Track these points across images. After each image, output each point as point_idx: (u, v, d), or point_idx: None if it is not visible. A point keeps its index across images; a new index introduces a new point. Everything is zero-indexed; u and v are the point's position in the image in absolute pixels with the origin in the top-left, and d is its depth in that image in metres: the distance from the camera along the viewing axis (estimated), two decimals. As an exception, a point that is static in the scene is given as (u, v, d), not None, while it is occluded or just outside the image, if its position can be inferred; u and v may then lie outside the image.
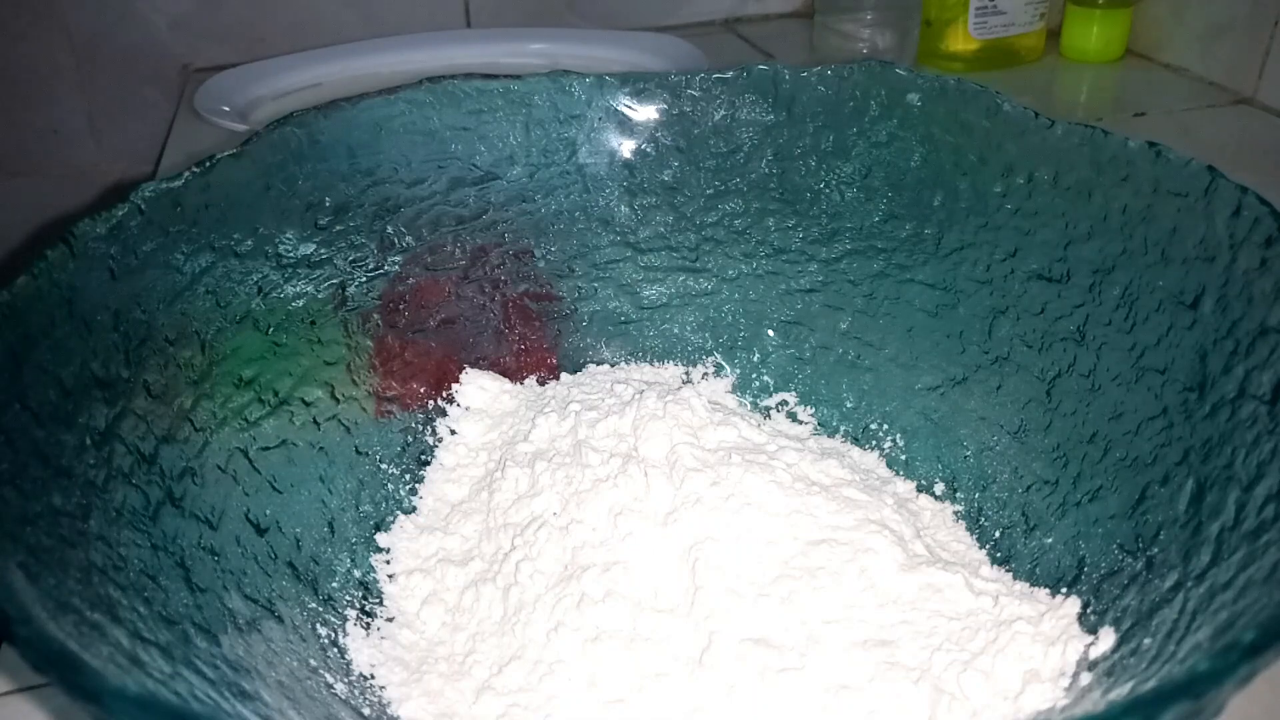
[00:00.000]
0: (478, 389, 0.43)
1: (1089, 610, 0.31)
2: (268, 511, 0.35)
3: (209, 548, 0.31)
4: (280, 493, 0.36)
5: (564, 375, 0.45)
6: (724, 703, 0.31)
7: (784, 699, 0.31)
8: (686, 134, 0.44)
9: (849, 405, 0.44)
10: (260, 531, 0.34)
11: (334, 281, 0.39)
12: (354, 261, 0.40)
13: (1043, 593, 0.33)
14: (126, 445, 0.30)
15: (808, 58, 0.83)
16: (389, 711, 0.32)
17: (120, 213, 0.32)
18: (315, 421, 0.38)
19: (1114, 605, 0.30)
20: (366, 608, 0.36)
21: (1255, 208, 0.30)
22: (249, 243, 0.37)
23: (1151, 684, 0.24)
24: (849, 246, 0.43)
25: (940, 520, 0.39)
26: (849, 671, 0.31)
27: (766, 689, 0.31)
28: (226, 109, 0.73)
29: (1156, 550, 0.30)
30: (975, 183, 0.39)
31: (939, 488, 0.40)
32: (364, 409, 0.40)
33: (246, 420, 0.36)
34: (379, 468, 0.40)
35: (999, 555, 0.37)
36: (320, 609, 0.34)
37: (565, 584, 0.34)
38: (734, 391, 0.46)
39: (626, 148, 0.44)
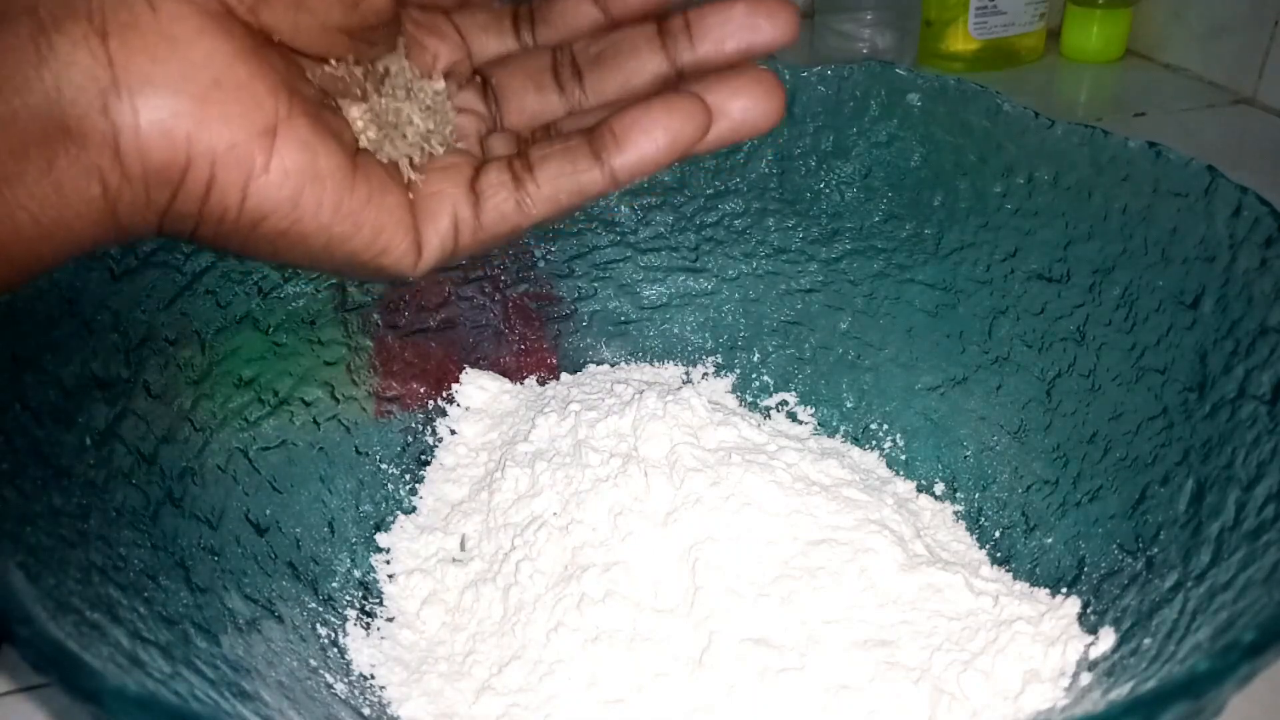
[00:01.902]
0: (478, 389, 0.43)
1: (1089, 610, 0.31)
2: (268, 511, 0.35)
3: (209, 548, 0.31)
4: (280, 493, 0.36)
5: (564, 375, 0.45)
6: (724, 703, 0.31)
7: (784, 699, 0.31)
8: (686, 134, 0.44)
9: (849, 405, 0.44)
10: (260, 531, 0.34)
11: (334, 281, 0.39)
12: (354, 261, 0.40)
13: (1043, 593, 0.33)
14: (126, 445, 0.30)
15: (808, 58, 0.83)
16: (389, 711, 0.32)
17: (120, 213, 0.32)
18: (315, 421, 0.38)
19: (1114, 605, 0.30)
20: (366, 608, 0.36)
21: (1255, 208, 0.30)
22: (249, 243, 0.37)
23: (1151, 684, 0.24)
24: (849, 246, 0.43)
25: (940, 520, 0.39)
26: (849, 671, 0.31)
27: (766, 689, 0.31)
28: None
29: (1156, 550, 0.30)
30: (975, 183, 0.39)
31: (939, 488, 0.40)
32: (364, 409, 0.40)
33: (246, 420, 0.36)
34: (379, 468, 0.40)
35: (999, 555, 0.37)
36: (320, 609, 0.34)
37: (565, 584, 0.34)
38: (734, 391, 0.46)
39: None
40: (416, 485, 0.41)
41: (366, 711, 0.31)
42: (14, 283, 0.23)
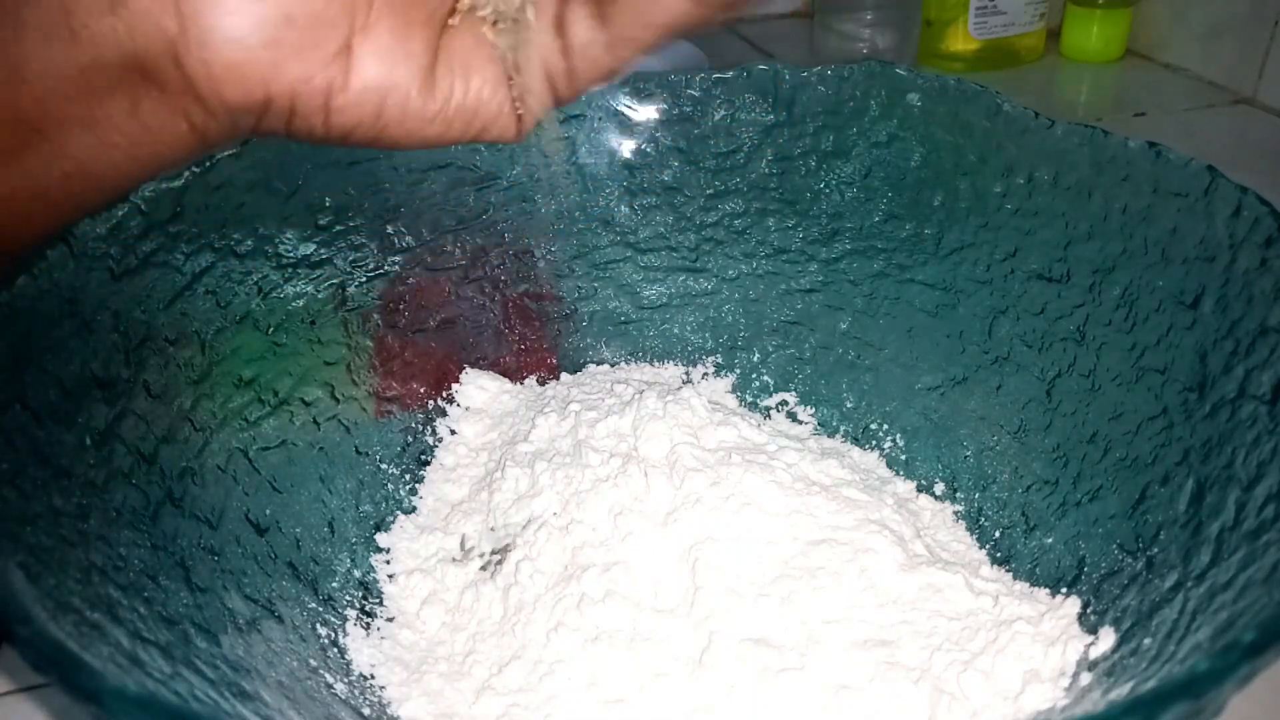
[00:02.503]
0: (478, 389, 0.43)
1: (1089, 610, 0.31)
2: (268, 511, 0.35)
3: (209, 548, 0.31)
4: (280, 493, 0.36)
5: (564, 375, 0.45)
6: (724, 703, 0.31)
7: (784, 699, 0.31)
8: (686, 134, 0.44)
9: (849, 405, 0.44)
10: (260, 531, 0.34)
11: (334, 281, 0.39)
12: (354, 261, 0.40)
13: (1043, 593, 0.33)
14: (126, 445, 0.30)
15: (808, 58, 0.83)
16: (389, 711, 0.32)
17: (120, 213, 0.32)
18: (315, 421, 0.38)
19: (1114, 605, 0.30)
20: (366, 608, 0.36)
21: (1255, 208, 0.30)
22: (249, 243, 0.37)
23: (1151, 684, 0.24)
24: (849, 246, 0.43)
25: (940, 520, 0.39)
26: (849, 671, 0.31)
27: (766, 689, 0.31)
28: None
29: (1156, 550, 0.30)
30: (975, 183, 0.39)
31: (939, 488, 0.40)
32: (364, 409, 0.40)
33: (246, 420, 0.36)
34: (379, 468, 0.40)
35: (999, 555, 0.37)
36: (320, 609, 0.34)
37: (565, 584, 0.34)
38: (734, 391, 0.46)
39: (626, 148, 0.44)
40: (416, 485, 0.41)
41: (366, 711, 0.31)
42: (109, 201, 0.23)
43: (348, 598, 0.36)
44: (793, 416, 0.45)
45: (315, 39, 0.22)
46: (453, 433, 0.42)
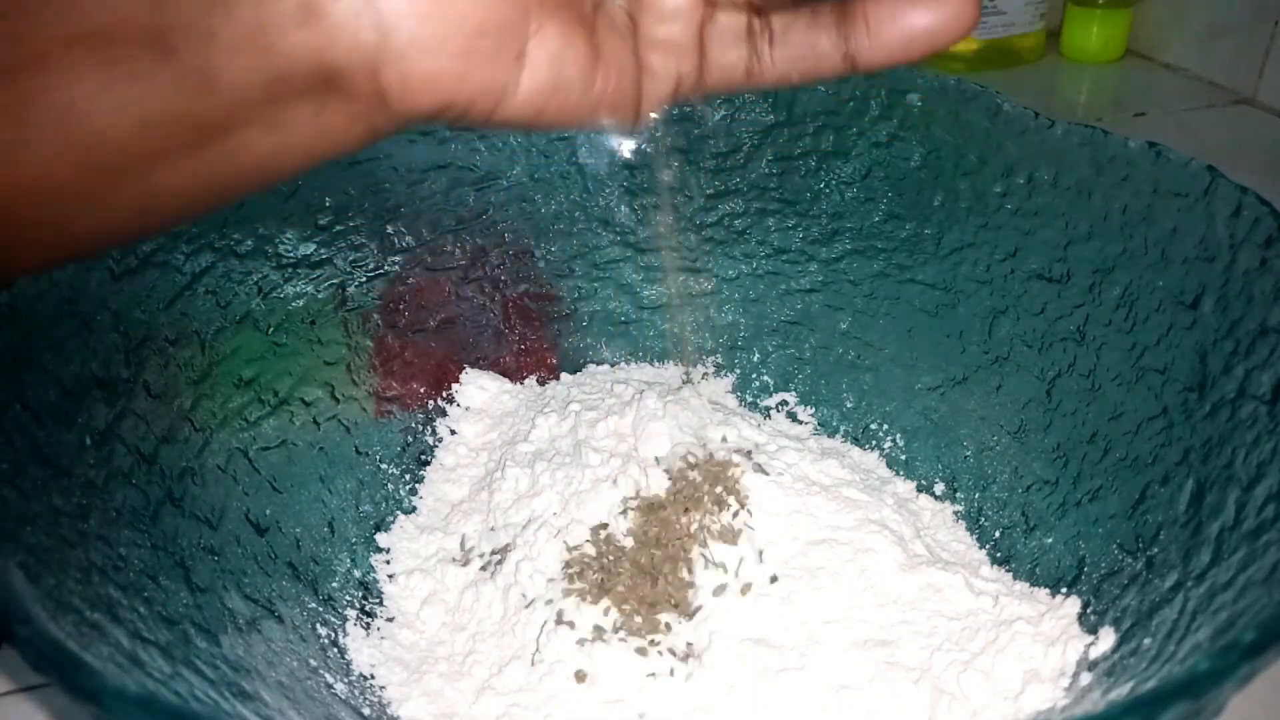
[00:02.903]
0: (478, 389, 0.43)
1: (1089, 610, 0.31)
2: (268, 511, 0.35)
3: (209, 548, 0.31)
4: (280, 493, 0.36)
5: (564, 375, 0.45)
6: (724, 703, 0.31)
7: (784, 699, 0.31)
8: (686, 134, 0.44)
9: (849, 405, 0.44)
10: (260, 531, 0.34)
11: (334, 281, 0.39)
12: (354, 261, 0.40)
13: (1043, 593, 0.33)
14: (126, 445, 0.30)
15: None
16: (389, 711, 0.32)
17: (120, 213, 0.32)
18: (315, 421, 0.38)
19: (1114, 605, 0.30)
20: (366, 608, 0.36)
21: (1255, 208, 0.30)
22: (249, 243, 0.37)
23: (1151, 684, 0.24)
24: (849, 246, 0.43)
25: (940, 520, 0.39)
26: (849, 671, 0.31)
27: (766, 689, 0.31)
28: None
29: (1156, 550, 0.30)
30: (975, 183, 0.39)
31: (939, 488, 0.40)
32: (364, 409, 0.40)
33: (246, 420, 0.36)
34: (379, 468, 0.40)
35: (999, 555, 0.37)
36: (320, 609, 0.34)
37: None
38: (734, 391, 0.46)
39: (626, 148, 0.44)
40: (416, 485, 0.41)
41: (366, 711, 0.31)
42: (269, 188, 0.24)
43: (348, 598, 0.36)
44: (793, 416, 0.45)
45: (500, 45, 0.22)
46: (453, 433, 0.42)
